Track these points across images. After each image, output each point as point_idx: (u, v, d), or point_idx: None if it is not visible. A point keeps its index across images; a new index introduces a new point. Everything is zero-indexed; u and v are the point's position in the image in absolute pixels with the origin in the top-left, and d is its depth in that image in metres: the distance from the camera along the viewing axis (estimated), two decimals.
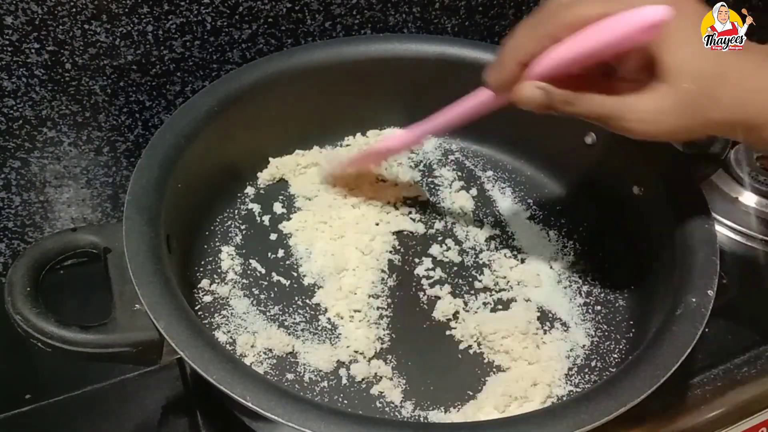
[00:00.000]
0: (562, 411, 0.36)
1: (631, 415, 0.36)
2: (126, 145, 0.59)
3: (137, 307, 0.40)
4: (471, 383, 0.46)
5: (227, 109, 0.53)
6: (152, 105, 0.57)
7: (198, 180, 0.51)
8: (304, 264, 0.53)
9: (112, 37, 0.52)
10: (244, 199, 0.57)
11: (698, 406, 0.48)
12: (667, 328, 0.41)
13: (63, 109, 0.54)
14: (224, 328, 0.48)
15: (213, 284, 0.51)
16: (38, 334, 0.38)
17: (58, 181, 0.57)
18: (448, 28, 0.66)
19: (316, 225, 0.55)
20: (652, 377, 0.37)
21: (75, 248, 0.43)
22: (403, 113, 0.63)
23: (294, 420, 0.34)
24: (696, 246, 0.45)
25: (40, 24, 0.49)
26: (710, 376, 0.50)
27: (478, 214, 0.58)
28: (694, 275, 0.43)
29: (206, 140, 0.51)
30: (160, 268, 0.41)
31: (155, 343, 0.40)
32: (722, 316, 0.52)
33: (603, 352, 0.48)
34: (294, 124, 0.59)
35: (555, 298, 0.52)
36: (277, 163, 0.59)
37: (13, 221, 0.58)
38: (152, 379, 0.49)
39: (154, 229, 0.43)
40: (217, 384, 0.35)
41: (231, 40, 0.57)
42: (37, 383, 0.49)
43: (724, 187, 0.63)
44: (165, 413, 0.48)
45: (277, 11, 0.57)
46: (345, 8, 0.60)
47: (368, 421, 0.37)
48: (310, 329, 0.48)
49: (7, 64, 0.50)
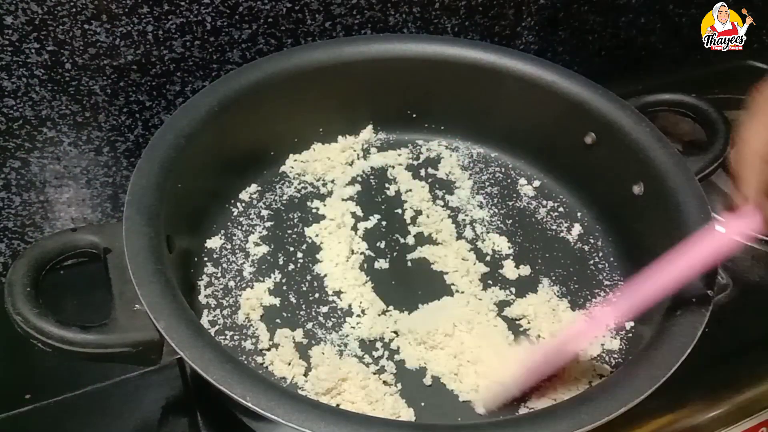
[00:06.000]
0: (562, 411, 0.36)
1: (631, 415, 0.36)
2: (126, 145, 0.59)
3: (137, 307, 0.40)
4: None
5: (227, 109, 0.53)
6: (152, 105, 0.57)
7: (198, 180, 0.51)
8: (305, 264, 0.53)
9: (112, 37, 0.52)
10: (244, 199, 0.57)
11: (698, 406, 0.48)
12: (667, 328, 0.41)
13: (63, 109, 0.54)
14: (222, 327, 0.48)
15: (213, 283, 0.51)
16: (38, 334, 0.38)
17: (58, 181, 0.57)
18: (448, 28, 0.66)
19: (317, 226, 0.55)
20: (652, 377, 0.37)
21: (75, 248, 0.43)
22: (402, 113, 0.63)
23: (294, 420, 0.34)
24: None
25: (40, 24, 0.49)
26: (710, 376, 0.50)
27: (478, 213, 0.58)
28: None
29: (206, 140, 0.51)
30: (160, 268, 0.41)
31: (155, 343, 0.39)
32: (722, 316, 0.52)
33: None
34: (294, 124, 0.59)
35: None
36: (277, 163, 0.59)
37: (13, 221, 0.58)
38: (152, 379, 0.49)
39: (154, 229, 0.43)
40: (217, 384, 0.35)
41: (231, 40, 0.57)
42: (37, 383, 0.49)
43: (724, 187, 0.63)
44: (165, 413, 0.48)
45: (277, 11, 0.57)
46: (345, 8, 0.60)
47: (368, 421, 0.37)
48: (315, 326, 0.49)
49: (7, 64, 0.50)
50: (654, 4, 0.74)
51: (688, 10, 0.76)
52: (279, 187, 0.59)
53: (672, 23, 0.77)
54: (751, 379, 0.50)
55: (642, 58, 0.80)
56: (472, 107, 0.61)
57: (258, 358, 0.47)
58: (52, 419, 0.47)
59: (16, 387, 0.49)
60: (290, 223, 0.56)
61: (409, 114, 0.63)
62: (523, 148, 0.62)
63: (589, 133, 0.57)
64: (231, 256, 0.53)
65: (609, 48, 0.76)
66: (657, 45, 0.79)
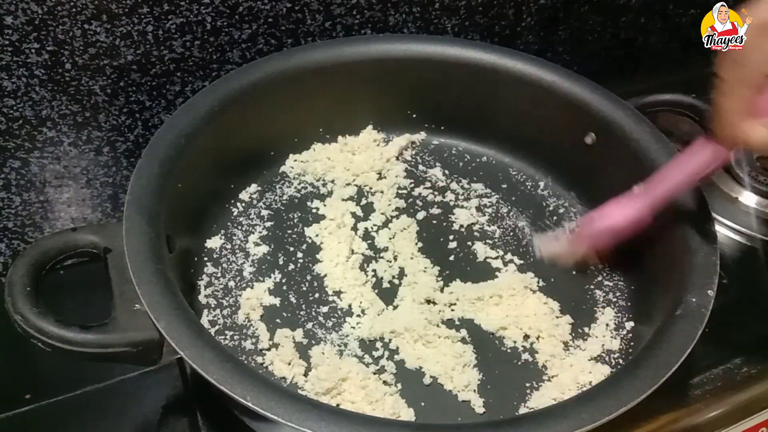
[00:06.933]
0: (562, 411, 0.36)
1: (631, 415, 0.36)
2: (126, 145, 0.59)
3: (137, 307, 0.40)
4: None
5: (227, 109, 0.53)
6: (152, 105, 0.57)
7: (198, 180, 0.51)
8: (305, 264, 0.53)
9: (112, 37, 0.52)
10: (244, 199, 0.57)
11: (698, 406, 0.48)
12: (667, 328, 0.41)
13: (63, 109, 0.54)
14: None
15: (213, 283, 0.51)
16: (38, 334, 0.38)
17: (58, 181, 0.57)
18: (448, 28, 0.66)
19: (317, 226, 0.55)
20: (652, 377, 0.37)
21: (75, 248, 0.43)
22: (402, 113, 0.63)
23: (294, 420, 0.34)
24: (696, 246, 0.45)
25: (40, 24, 0.49)
26: (710, 376, 0.50)
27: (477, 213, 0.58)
28: (694, 275, 0.43)
29: (206, 140, 0.51)
30: (160, 268, 0.41)
31: (155, 343, 0.40)
32: (722, 316, 0.52)
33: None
34: (294, 124, 0.59)
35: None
36: (277, 163, 0.59)
37: (13, 221, 0.58)
38: (152, 379, 0.49)
39: (154, 229, 0.43)
40: (217, 384, 0.35)
41: (231, 40, 0.57)
42: (37, 383, 0.49)
43: (724, 187, 0.63)
44: (165, 413, 0.48)
45: (277, 11, 0.57)
46: (345, 8, 0.60)
47: (368, 421, 0.37)
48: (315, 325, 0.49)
49: (7, 64, 0.50)
50: (654, 4, 0.74)
51: (688, 10, 0.76)
52: (279, 187, 0.59)
53: (672, 23, 0.77)
54: (751, 379, 0.50)
55: (642, 58, 0.80)
56: (472, 107, 0.61)
57: (258, 358, 0.47)
58: (52, 419, 0.47)
59: (16, 387, 0.49)
60: (290, 223, 0.56)
61: (409, 114, 0.63)
62: (522, 147, 0.62)
63: (589, 133, 0.57)
64: (231, 256, 0.53)
65: (609, 48, 0.76)
66: (657, 45, 0.79)
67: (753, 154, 0.64)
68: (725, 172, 0.64)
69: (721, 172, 0.63)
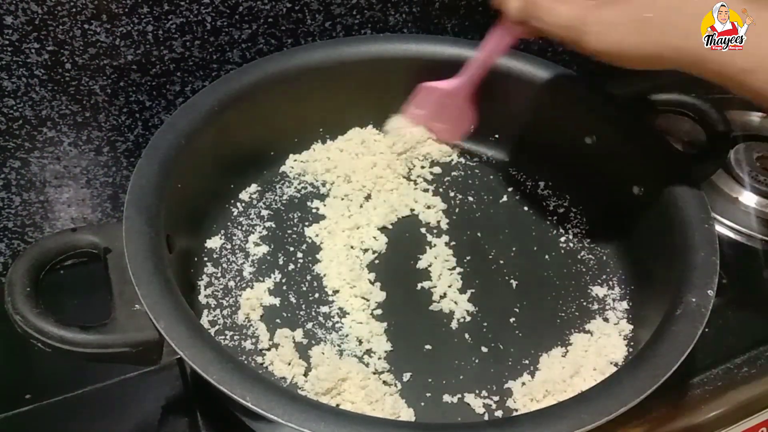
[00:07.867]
0: (562, 411, 0.36)
1: (631, 415, 0.36)
2: (126, 145, 0.59)
3: (137, 307, 0.40)
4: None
5: (227, 109, 0.53)
6: (152, 105, 0.57)
7: (198, 180, 0.51)
8: (305, 264, 0.53)
9: (112, 37, 0.52)
10: (244, 199, 0.57)
11: (698, 406, 0.48)
12: (667, 328, 0.41)
13: (63, 109, 0.54)
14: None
15: (213, 283, 0.51)
16: (38, 334, 0.38)
17: (58, 181, 0.57)
18: (448, 28, 0.66)
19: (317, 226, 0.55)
20: (652, 377, 0.37)
21: (75, 248, 0.43)
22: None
23: (294, 420, 0.34)
24: (696, 246, 0.45)
25: (40, 24, 0.49)
26: (710, 376, 0.50)
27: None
28: (694, 275, 0.43)
29: (206, 140, 0.51)
30: (160, 268, 0.41)
31: (155, 343, 0.39)
32: (722, 316, 0.53)
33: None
34: (294, 124, 0.59)
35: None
36: (277, 163, 0.59)
37: (13, 221, 0.58)
38: (152, 379, 0.49)
39: (154, 229, 0.43)
40: (217, 384, 0.35)
41: (231, 40, 0.57)
42: (37, 383, 0.49)
43: (724, 187, 0.63)
44: (165, 413, 0.48)
45: (277, 11, 0.57)
46: (345, 8, 0.60)
47: (368, 421, 0.37)
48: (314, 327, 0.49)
49: (7, 64, 0.50)
50: None
51: None
52: (279, 187, 0.59)
53: None
54: (751, 379, 0.50)
55: None
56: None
57: (258, 358, 0.47)
58: (52, 419, 0.47)
59: (16, 387, 0.49)
60: (290, 223, 0.56)
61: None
62: (522, 147, 0.62)
63: (589, 133, 0.57)
64: (231, 256, 0.53)
65: None
66: None
67: (753, 153, 0.64)
68: (725, 172, 0.64)
69: (721, 172, 0.63)
